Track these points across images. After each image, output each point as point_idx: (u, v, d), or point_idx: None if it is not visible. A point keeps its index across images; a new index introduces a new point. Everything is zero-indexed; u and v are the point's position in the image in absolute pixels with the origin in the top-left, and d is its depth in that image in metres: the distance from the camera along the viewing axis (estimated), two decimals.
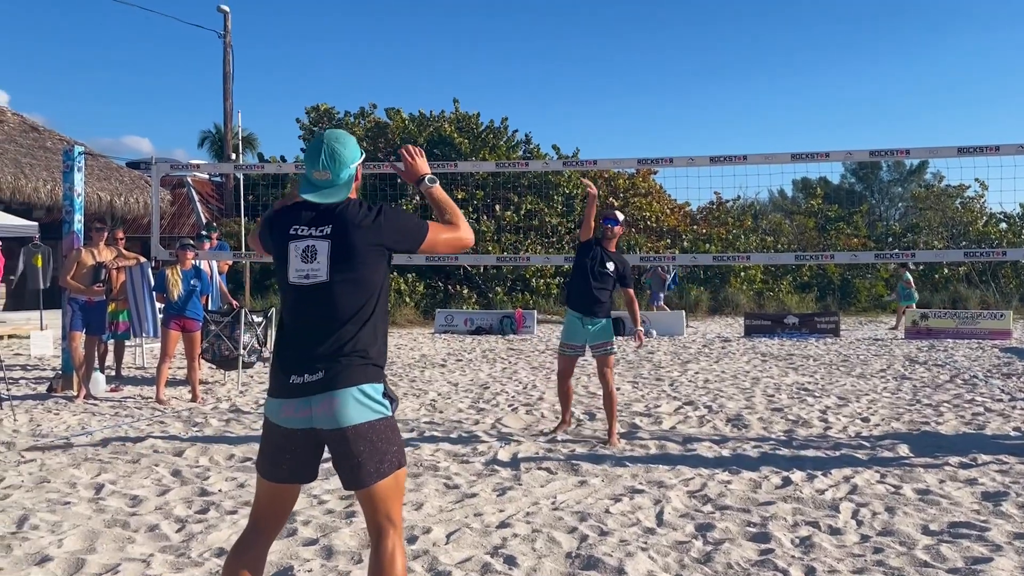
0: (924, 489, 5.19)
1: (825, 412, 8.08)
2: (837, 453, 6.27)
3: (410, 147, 3.14)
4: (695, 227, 28.38)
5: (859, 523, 4.51)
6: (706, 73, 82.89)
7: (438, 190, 3.07)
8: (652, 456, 6.20)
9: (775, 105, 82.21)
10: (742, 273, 26.35)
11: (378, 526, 2.74)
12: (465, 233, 3.02)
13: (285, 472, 2.76)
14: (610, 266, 6.83)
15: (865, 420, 7.67)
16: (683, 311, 20.13)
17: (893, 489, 5.20)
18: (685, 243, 26.43)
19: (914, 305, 19.20)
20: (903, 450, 6.34)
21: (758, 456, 6.19)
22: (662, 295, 21.55)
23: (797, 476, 5.51)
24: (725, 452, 6.33)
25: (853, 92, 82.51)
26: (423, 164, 3.12)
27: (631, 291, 7.01)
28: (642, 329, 7.16)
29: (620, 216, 7.15)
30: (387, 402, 2.74)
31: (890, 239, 30.17)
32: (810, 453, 6.28)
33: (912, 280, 19.49)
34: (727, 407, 8.37)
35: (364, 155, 2.93)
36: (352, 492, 2.84)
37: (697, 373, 11.23)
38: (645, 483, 5.36)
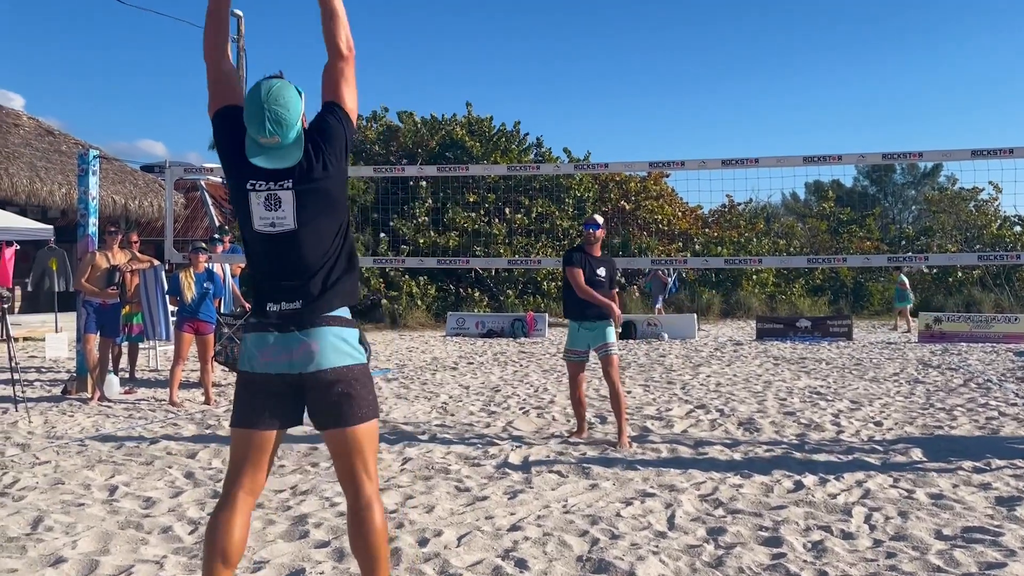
0: (937, 493, 5.17)
1: (838, 416, 8.04)
2: (850, 457, 6.24)
3: None
4: (707, 230, 28.34)
5: (872, 528, 4.49)
6: (716, 73, 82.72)
7: None
8: (663, 459, 6.19)
9: (786, 106, 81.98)
10: (754, 276, 26.28)
11: (356, 477, 2.73)
12: (346, 51, 2.81)
13: (261, 414, 2.71)
14: (601, 272, 6.91)
15: (878, 424, 7.63)
16: (695, 314, 20.10)
17: (906, 493, 5.18)
18: (697, 246, 26.39)
19: (909, 307, 19.70)
20: (916, 454, 6.30)
21: (770, 460, 6.17)
22: (662, 298, 21.61)
23: (809, 480, 5.49)
24: (737, 456, 6.31)
25: (865, 93, 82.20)
26: None
27: (614, 292, 7.12)
28: (619, 330, 7.29)
29: (600, 220, 7.16)
30: (363, 348, 2.76)
31: (903, 242, 30.00)
32: (822, 457, 6.25)
33: (907, 282, 20.04)
34: (739, 411, 8.34)
35: (304, 95, 2.76)
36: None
37: (709, 376, 11.20)
38: (656, 487, 5.35)
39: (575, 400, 7.04)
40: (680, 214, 28.39)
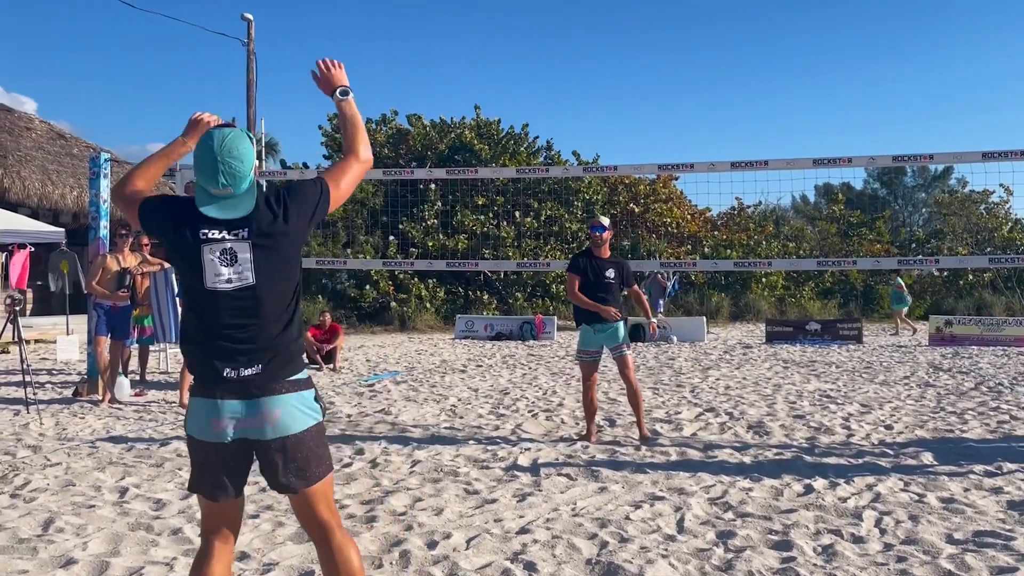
0: (948, 497, 5.14)
1: (848, 419, 8.01)
2: (860, 461, 6.22)
3: (327, 60, 3.06)
4: (716, 233, 28.30)
5: (882, 531, 4.48)
6: (723, 74, 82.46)
7: (350, 104, 3.00)
8: (673, 463, 6.18)
9: (795, 108, 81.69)
10: (763, 279, 26.22)
11: (322, 522, 2.73)
12: (363, 157, 2.99)
13: (228, 487, 2.69)
14: (610, 273, 6.92)
15: (888, 427, 7.60)
16: (704, 317, 20.06)
17: (917, 497, 5.15)
18: (706, 249, 26.37)
19: (906, 309, 20.02)
20: (927, 458, 6.28)
21: (780, 463, 6.15)
22: (662, 302, 21.58)
23: (819, 484, 5.47)
24: (746, 459, 6.30)
25: (874, 95, 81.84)
26: (340, 75, 3.05)
27: (635, 288, 7.15)
28: (655, 320, 7.52)
29: (606, 222, 7.14)
30: (319, 407, 2.74)
31: (914, 245, 29.90)
32: (832, 460, 6.23)
33: (904, 285, 20.32)
34: (748, 414, 8.32)
35: (255, 143, 2.77)
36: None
37: (718, 379, 11.18)
38: (666, 490, 5.34)
39: (587, 402, 7.03)
40: (689, 217, 28.35)
